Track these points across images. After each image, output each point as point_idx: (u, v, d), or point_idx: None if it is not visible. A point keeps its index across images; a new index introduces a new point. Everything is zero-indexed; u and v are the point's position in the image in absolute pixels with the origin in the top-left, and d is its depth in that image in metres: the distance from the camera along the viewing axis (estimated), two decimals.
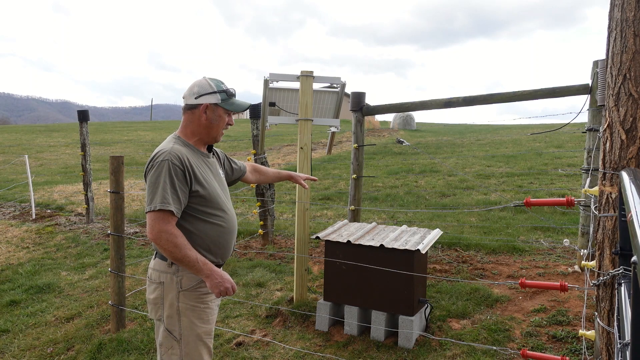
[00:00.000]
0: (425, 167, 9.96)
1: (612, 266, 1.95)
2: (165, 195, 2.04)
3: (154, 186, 2.07)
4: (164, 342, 2.20)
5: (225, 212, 2.26)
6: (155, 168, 2.09)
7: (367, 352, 3.30)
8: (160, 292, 2.18)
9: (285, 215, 7.23)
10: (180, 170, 2.09)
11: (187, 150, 2.19)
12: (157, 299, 2.19)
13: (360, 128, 4.55)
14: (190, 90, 2.24)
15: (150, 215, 2.05)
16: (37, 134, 23.73)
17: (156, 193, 2.05)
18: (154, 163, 2.11)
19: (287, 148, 15.45)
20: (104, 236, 6.66)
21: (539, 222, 5.74)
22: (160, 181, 2.06)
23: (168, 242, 2.04)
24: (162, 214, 2.04)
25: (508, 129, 17.64)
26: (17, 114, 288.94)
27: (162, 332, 2.20)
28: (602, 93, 3.12)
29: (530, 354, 2.63)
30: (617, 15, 1.90)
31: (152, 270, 2.24)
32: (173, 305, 2.16)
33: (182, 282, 2.17)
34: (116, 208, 3.92)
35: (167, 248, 2.05)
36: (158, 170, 2.08)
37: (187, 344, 2.18)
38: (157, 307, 2.20)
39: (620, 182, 1.52)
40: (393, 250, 3.32)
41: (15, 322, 4.39)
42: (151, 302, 2.23)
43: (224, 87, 2.25)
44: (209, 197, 2.18)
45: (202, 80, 2.24)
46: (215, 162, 2.38)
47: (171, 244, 2.04)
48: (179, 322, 2.17)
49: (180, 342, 2.18)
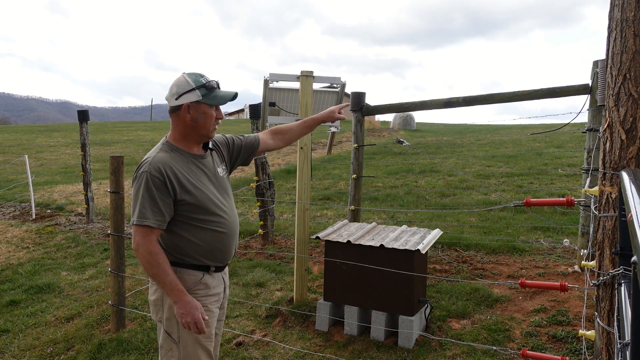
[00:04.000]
0: (425, 167, 9.96)
1: (612, 266, 1.95)
2: (143, 210, 2.02)
3: (134, 199, 2.07)
4: (164, 344, 2.19)
5: (221, 216, 2.18)
6: (136, 180, 2.08)
7: (367, 352, 3.30)
8: (160, 293, 2.16)
9: (285, 215, 7.23)
10: (161, 181, 2.02)
11: (173, 157, 2.11)
12: (157, 300, 2.18)
13: (360, 128, 4.55)
14: (170, 92, 2.12)
15: (133, 227, 2.08)
16: (37, 134, 23.73)
17: (136, 207, 2.05)
18: (136, 174, 2.09)
19: (287, 148, 15.44)
20: (104, 236, 6.66)
21: (539, 222, 5.73)
22: (139, 195, 2.04)
23: (143, 257, 2.04)
24: (141, 228, 2.03)
25: (508, 129, 17.64)
26: (17, 114, 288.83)
27: (162, 334, 2.20)
28: (602, 93, 3.12)
29: (530, 354, 2.63)
30: (617, 15, 1.90)
31: None
32: (172, 308, 2.11)
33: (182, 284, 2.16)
34: (116, 208, 3.92)
35: (143, 263, 2.06)
36: (138, 183, 2.06)
37: (185, 347, 2.16)
38: (157, 308, 2.19)
39: (620, 182, 1.52)
40: (393, 250, 3.32)
41: (15, 322, 4.39)
42: (152, 304, 2.22)
43: (203, 81, 2.09)
44: (200, 203, 2.11)
45: (180, 78, 2.11)
46: (210, 162, 2.25)
47: (145, 260, 2.04)
48: (177, 325, 2.14)
49: (178, 345, 2.16)
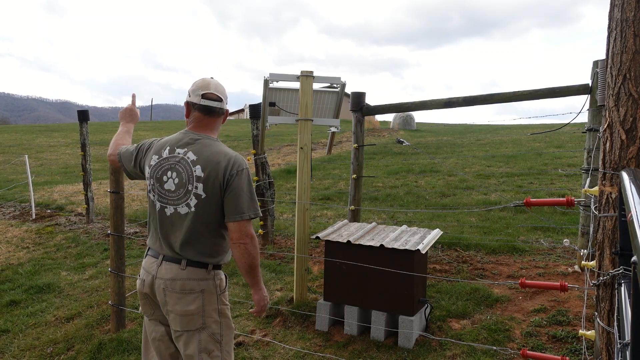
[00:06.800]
0: (425, 167, 9.96)
1: (612, 266, 1.95)
2: (255, 204, 2.14)
3: (243, 195, 2.11)
4: (206, 348, 2.16)
5: None
6: (238, 176, 2.12)
7: (367, 352, 3.30)
8: (201, 300, 2.14)
9: (285, 215, 7.23)
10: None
11: None
12: (198, 308, 2.14)
13: (360, 128, 4.55)
14: (222, 95, 2.24)
15: (243, 222, 2.11)
16: (37, 134, 23.72)
17: (248, 201, 2.11)
18: (237, 171, 2.12)
19: (287, 148, 15.45)
20: (104, 236, 6.66)
21: (539, 222, 5.74)
22: (250, 190, 2.13)
23: (255, 249, 2.12)
24: (250, 222, 2.13)
25: (508, 129, 17.64)
26: (17, 114, 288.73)
27: (205, 339, 2.16)
28: (602, 93, 3.12)
29: (530, 354, 2.63)
30: (617, 15, 1.90)
31: (186, 280, 2.14)
32: (216, 310, 2.18)
33: (220, 284, 2.22)
34: (116, 208, 3.92)
35: (253, 255, 2.12)
36: (244, 179, 2.13)
37: (227, 342, 2.23)
38: (198, 316, 2.15)
39: (620, 182, 1.52)
40: (393, 250, 3.32)
41: (15, 322, 4.39)
42: (190, 314, 2.14)
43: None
44: None
45: (222, 86, 2.27)
46: None
47: (256, 251, 2.13)
48: (220, 324, 2.20)
49: (222, 343, 2.20)
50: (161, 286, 2.16)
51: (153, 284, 2.20)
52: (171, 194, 2.16)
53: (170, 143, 2.23)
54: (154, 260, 2.22)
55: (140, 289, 2.28)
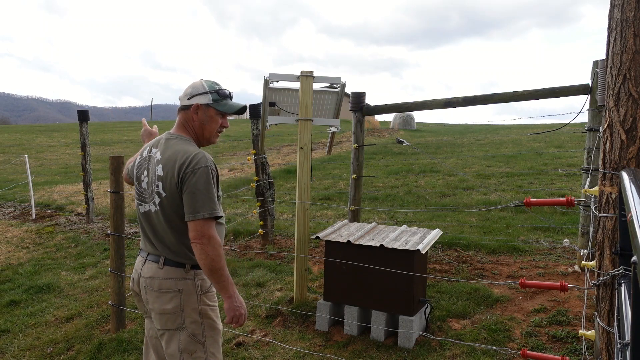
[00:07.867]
0: (425, 167, 9.96)
1: (612, 266, 1.95)
2: (212, 203, 2.07)
3: (199, 193, 2.05)
4: (187, 348, 2.16)
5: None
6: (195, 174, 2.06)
7: (367, 352, 3.30)
8: (178, 300, 2.14)
9: (285, 215, 7.23)
10: (215, 176, 2.13)
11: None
12: (176, 307, 2.14)
13: (360, 128, 4.55)
14: (184, 92, 2.24)
15: (201, 221, 2.04)
16: (37, 134, 23.73)
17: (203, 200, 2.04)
18: (194, 169, 2.06)
19: (287, 148, 15.44)
20: (104, 236, 6.66)
21: (539, 222, 5.73)
22: (206, 188, 2.06)
23: (214, 250, 2.03)
24: (211, 221, 2.06)
25: (508, 129, 17.63)
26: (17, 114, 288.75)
27: (185, 339, 2.16)
28: (602, 93, 3.12)
29: (530, 354, 2.63)
30: (617, 15, 1.90)
31: (163, 279, 2.16)
32: (196, 310, 2.16)
33: (202, 284, 2.19)
34: (116, 208, 3.92)
35: (212, 256, 2.02)
36: (202, 177, 2.06)
37: (211, 343, 2.20)
38: (175, 316, 2.15)
39: (620, 182, 1.52)
40: (393, 250, 3.32)
41: (15, 322, 4.39)
42: (167, 312, 2.15)
43: (217, 88, 2.23)
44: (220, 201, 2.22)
45: (197, 82, 2.24)
46: None
47: (217, 253, 2.04)
48: (201, 325, 2.17)
49: (205, 344, 2.18)
50: (143, 284, 2.23)
51: (140, 282, 2.27)
52: (145, 192, 2.23)
53: (151, 144, 2.30)
54: (141, 258, 2.29)
55: (131, 287, 2.36)
